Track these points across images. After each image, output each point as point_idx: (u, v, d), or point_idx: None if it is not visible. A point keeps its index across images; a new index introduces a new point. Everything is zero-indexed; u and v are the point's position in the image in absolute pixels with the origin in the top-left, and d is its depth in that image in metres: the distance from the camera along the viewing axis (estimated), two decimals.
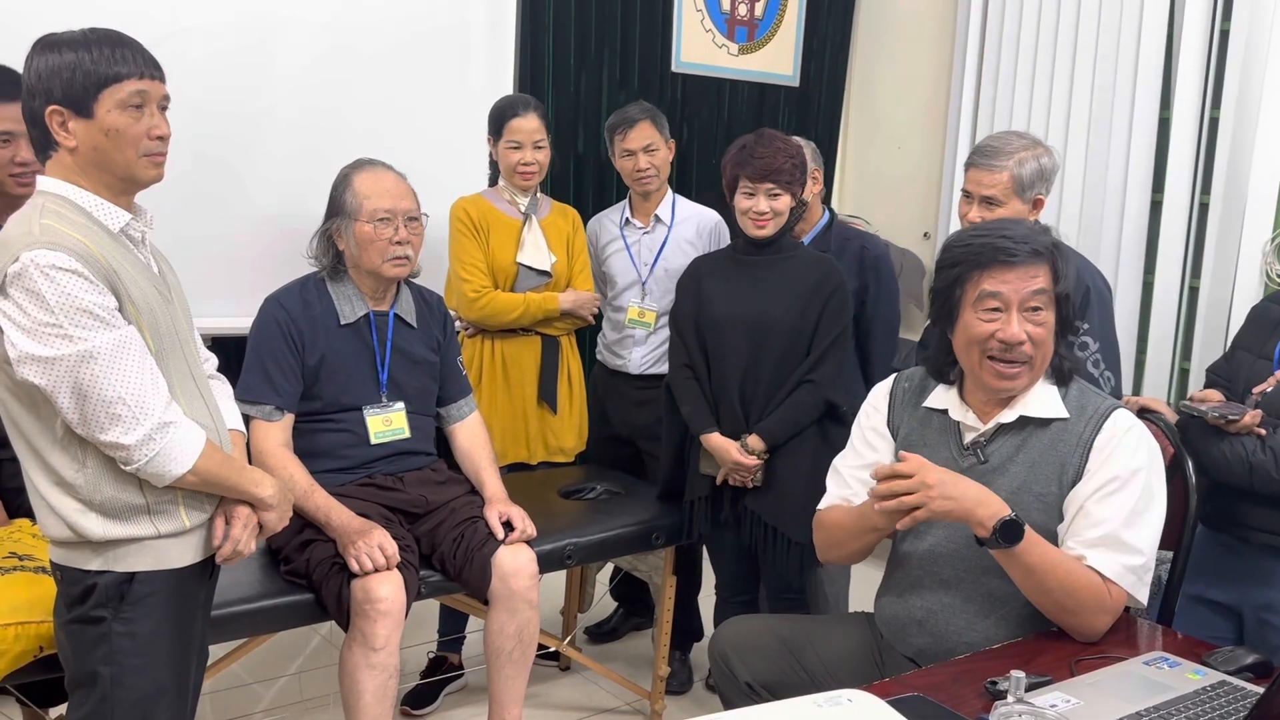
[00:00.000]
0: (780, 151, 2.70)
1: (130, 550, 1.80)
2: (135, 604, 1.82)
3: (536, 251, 3.11)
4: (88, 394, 1.68)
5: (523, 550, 2.58)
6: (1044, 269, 1.89)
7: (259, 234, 3.26)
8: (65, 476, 1.75)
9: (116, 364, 1.69)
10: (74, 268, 1.66)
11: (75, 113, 1.72)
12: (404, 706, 3.05)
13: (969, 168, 2.59)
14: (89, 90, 1.71)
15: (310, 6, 3.43)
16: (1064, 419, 1.93)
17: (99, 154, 1.75)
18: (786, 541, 2.75)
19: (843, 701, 1.57)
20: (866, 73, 4.97)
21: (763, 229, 2.73)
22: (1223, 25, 3.64)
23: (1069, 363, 1.97)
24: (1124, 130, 3.86)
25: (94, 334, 1.68)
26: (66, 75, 1.70)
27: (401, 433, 2.65)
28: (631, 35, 4.24)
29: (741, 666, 2.12)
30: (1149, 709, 1.58)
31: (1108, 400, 1.95)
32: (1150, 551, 1.86)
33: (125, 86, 1.73)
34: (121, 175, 1.78)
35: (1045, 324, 1.90)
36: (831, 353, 2.76)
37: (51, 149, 1.76)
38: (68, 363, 1.66)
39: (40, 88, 1.71)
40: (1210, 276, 3.65)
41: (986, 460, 1.96)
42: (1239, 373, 2.31)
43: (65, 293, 1.65)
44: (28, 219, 1.71)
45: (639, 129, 3.17)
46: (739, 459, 2.74)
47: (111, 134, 1.73)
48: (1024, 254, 1.88)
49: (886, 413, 2.13)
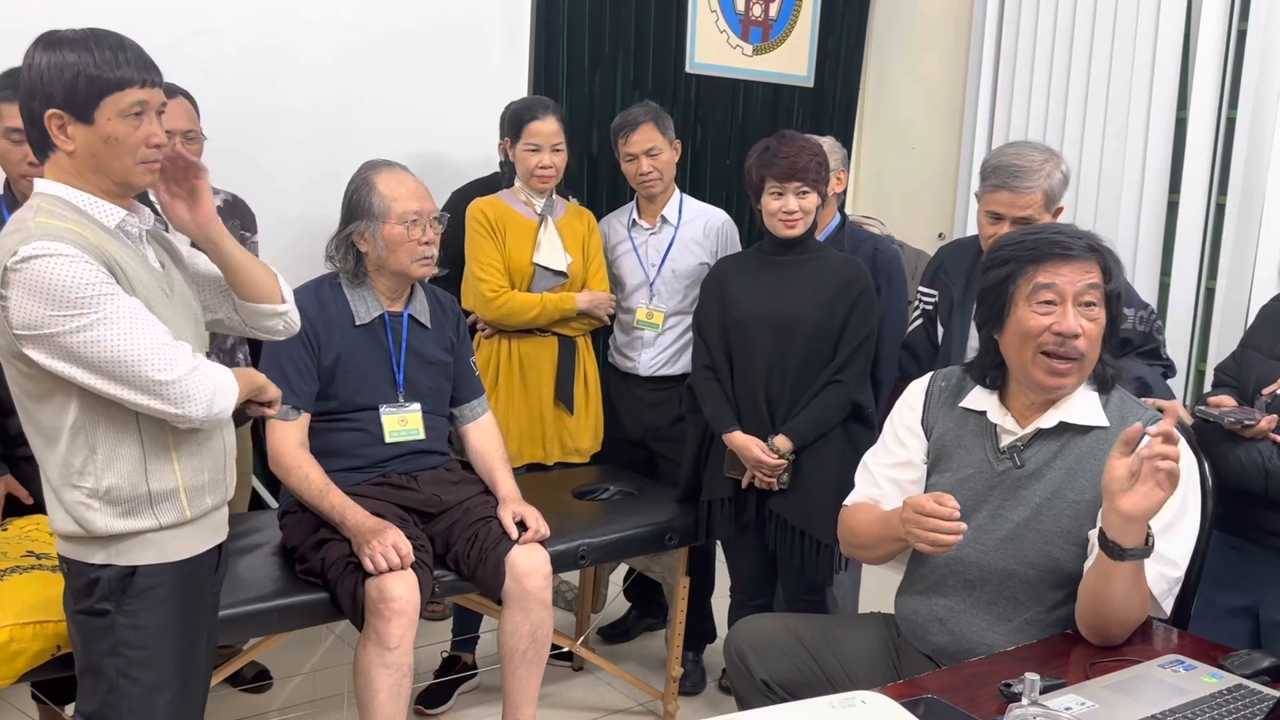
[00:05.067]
0: (804, 150, 2.71)
1: (133, 544, 1.83)
2: (138, 597, 1.84)
3: (552, 252, 3.12)
4: (116, 359, 1.70)
5: (537, 550, 2.59)
6: (1096, 266, 1.89)
7: (276, 235, 3.27)
8: (74, 464, 1.77)
9: (136, 325, 1.72)
10: (72, 254, 1.68)
11: (75, 118, 1.72)
12: (418, 706, 3.06)
13: (997, 189, 2.53)
14: (91, 97, 1.71)
15: (327, 9, 3.45)
16: (1104, 427, 1.91)
17: (97, 159, 1.75)
18: (815, 544, 2.75)
19: (856, 703, 1.57)
20: (881, 73, 4.96)
21: (793, 228, 2.73)
22: (1240, 25, 3.62)
23: (1112, 370, 1.95)
24: (1140, 130, 3.85)
25: (106, 304, 1.70)
26: (69, 79, 1.70)
27: (416, 432, 2.66)
28: (646, 36, 4.24)
29: (758, 664, 2.12)
30: (1165, 712, 1.57)
31: (1149, 411, 1.93)
32: (1184, 564, 1.85)
33: (127, 96, 1.73)
34: (118, 180, 1.79)
35: (1098, 320, 1.89)
36: (859, 354, 2.76)
37: (50, 150, 1.76)
38: (86, 335, 1.68)
39: (41, 89, 1.71)
40: (1227, 277, 3.64)
41: (1023, 465, 1.94)
42: (1249, 373, 2.29)
43: (67, 275, 1.67)
44: (22, 219, 1.73)
45: (640, 132, 3.15)
46: (761, 456, 2.74)
47: (110, 141, 1.74)
48: (1079, 248, 1.88)
49: (921, 411, 2.11)
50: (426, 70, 3.66)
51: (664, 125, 3.20)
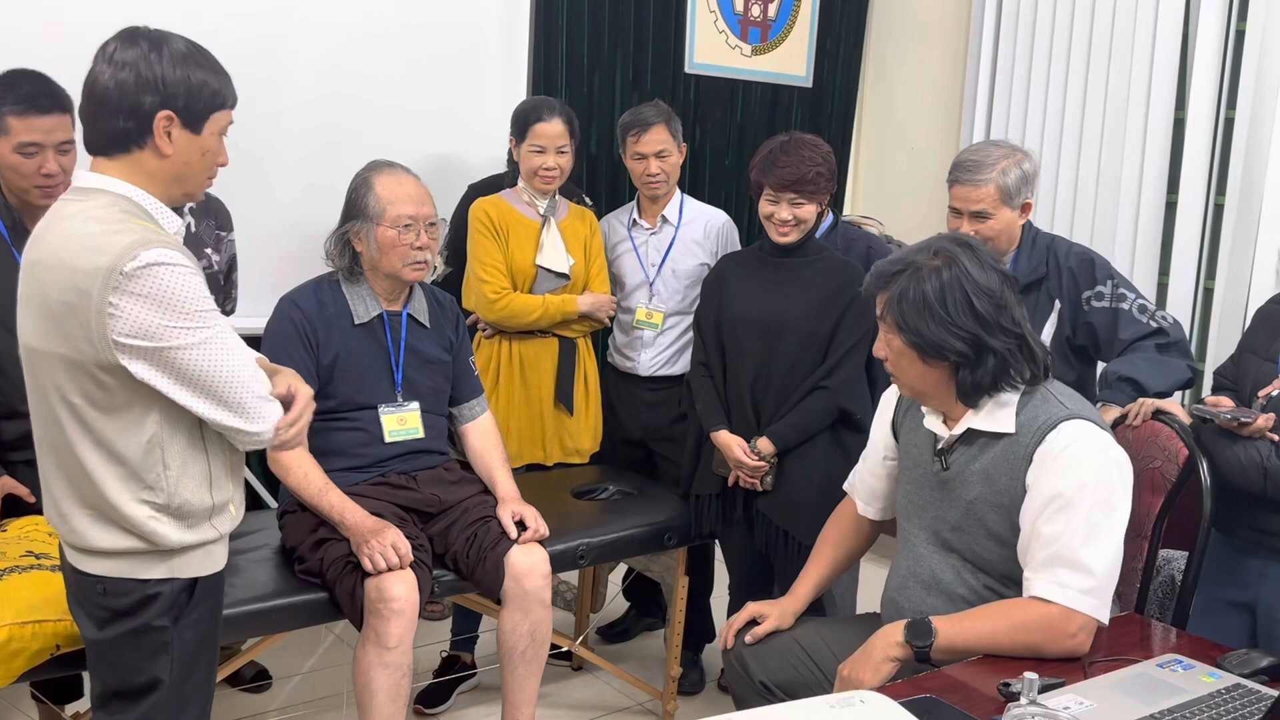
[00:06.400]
0: (805, 160, 2.69)
1: (195, 556, 1.80)
2: (195, 609, 1.82)
3: (555, 254, 3.12)
4: (222, 377, 1.69)
5: (536, 550, 2.59)
6: (883, 295, 1.97)
7: (275, 235, 3.28)
8: (146, 479, 1.72)
9: (237, 345, 1.73)
10: (189, 265, 1.67)
11: (185, 124, 1.72)
12: (417, 705, 3.06)
13: (952, 184, 2.64)
14: (208, 109, 1.74)
15: (326, 7, 3.45)
16: (1010, 434, 1.91)
17: (187, 169, 1.75)
18: (797, 545, 2.75)
19: (855, 703, 1.57)
20: (880, 73, 4.96)
21: (785, 236, 2.74)
22: (1238, 25, 3.63)
23: (972, 381, 1.91)
24: (1139, 131, 3.85)
25: (214, 320, 1.69)
26: (195, 85, 1.72)
27: (415, 431, 2.66)
28: (645, 36, 4.24)
29: (756, 666, 2.13)
30: (1163, 711, 1.58)
31: (1062, 411, 1.90)
32: (1106, 569, 1.82)
33: (227, 115, 1.78)
34: (191, 192, 1.80)
35: (891, 345, 1.96)
36: (848, 360, 2.75)
37: (134, 148, 1.71)
38: (198, 351, 1.66)
39: (163, 89, 1.69)
40: (1225, 278, 3.64)
41: (948, 468, 1.99)
42: (1246, 375, 2.29)
43: (187, 286, 1.65)
44: (105, 220, 1.67)
45: (653, 133, 3.14)
46: (741, 457, 2.75)
47: (206, 155, 1.76)
48: (875, 283, 2.00)
49: (891, 414, 2.21)
50: (425, 70, 3.66)
51: (675, 128, 3.18)
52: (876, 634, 1.89)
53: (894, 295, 1.92)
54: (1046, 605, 1.80)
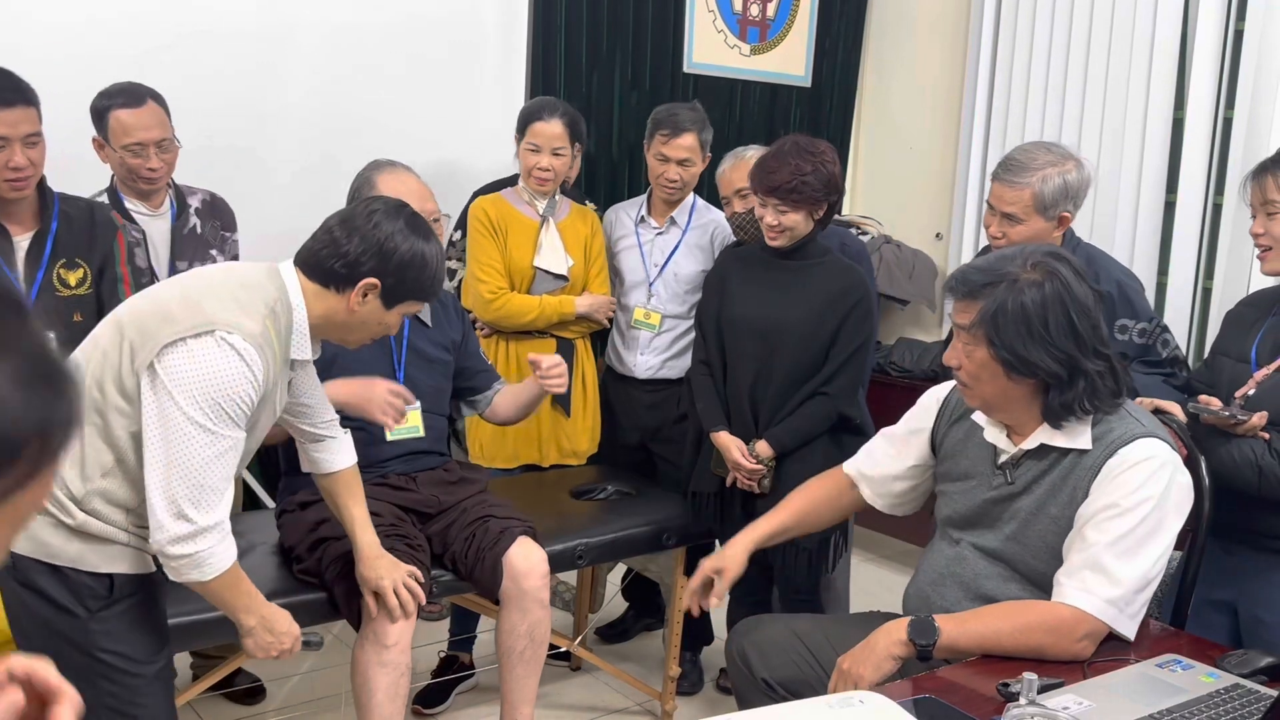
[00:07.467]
0: (793, 169, 2.62)
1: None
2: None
3: (553, 255, 3.11)
4: (193, 462, 1.80)
5: (534, 550, 2.59)
6: (976, 306, 1.86)
7: (275, 233, 3.26)
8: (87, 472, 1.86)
9: (225, 455, 1.83)
10: (254, 362, 1.82)
11: (382, 295, 1.99)
12: (415, 705, 3.06)
13: (994, 180, 2.54)
14: (406, 296, 2.03)
15: (324, 9, 3.45)
16: (1084, 450, 1.89)
17: (353, 319, 2.01)
18: (795, 547, 2.75)
19: (854, 703, 1.57)
20: (879, 73, 4.96)
21: (774, 241, 2.72)
22: (1237, 25, 3.63)
23: (1062, 402, 1.88)
24: (1137, 130, 3.85)
25: (229, 427, 1.82)
26: (424, 273, 2.01)
27: (416, 431, 2.66)
28: (643, 35, 4.24)
29: (760, 663, 2.12)
30: (1162, 711, 1.58)
31: (1138, 429, 1.88)
32: (1136, 585, 1.80)
33: (414, 306, 2.11)
34: (349, 339, 2.08)
35: (973, 357, 1.88)
36: (849, 365, 2.74)
37: (343, 290, 1.95)
38: (190, 430, 1.78)
39: (379, 266, 1.96)
40: (1223, 277, 3.64)
41: (1013, 483, 1.96)
42: (1221, 378, 2.28)
43: (234, 378, 1.81)
44: (253, 295, 1.88)
45: (684, 139, 3.11)
46: (739, 460, 2.75)
47: (363, 325, 2.04)
48: (962, 291, 1.90)
49: (933, 423, 2.14)
50: (423, 70, 3.67)
51: (706, 138, 3.15)
52: (879, 630, 1.87)
53: (989, 308, 1.83)
54: (1058, 608, 1.80)
